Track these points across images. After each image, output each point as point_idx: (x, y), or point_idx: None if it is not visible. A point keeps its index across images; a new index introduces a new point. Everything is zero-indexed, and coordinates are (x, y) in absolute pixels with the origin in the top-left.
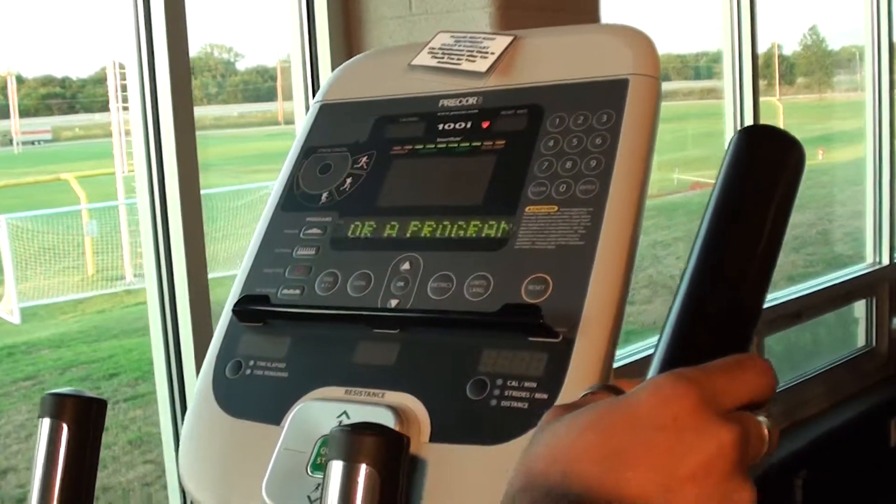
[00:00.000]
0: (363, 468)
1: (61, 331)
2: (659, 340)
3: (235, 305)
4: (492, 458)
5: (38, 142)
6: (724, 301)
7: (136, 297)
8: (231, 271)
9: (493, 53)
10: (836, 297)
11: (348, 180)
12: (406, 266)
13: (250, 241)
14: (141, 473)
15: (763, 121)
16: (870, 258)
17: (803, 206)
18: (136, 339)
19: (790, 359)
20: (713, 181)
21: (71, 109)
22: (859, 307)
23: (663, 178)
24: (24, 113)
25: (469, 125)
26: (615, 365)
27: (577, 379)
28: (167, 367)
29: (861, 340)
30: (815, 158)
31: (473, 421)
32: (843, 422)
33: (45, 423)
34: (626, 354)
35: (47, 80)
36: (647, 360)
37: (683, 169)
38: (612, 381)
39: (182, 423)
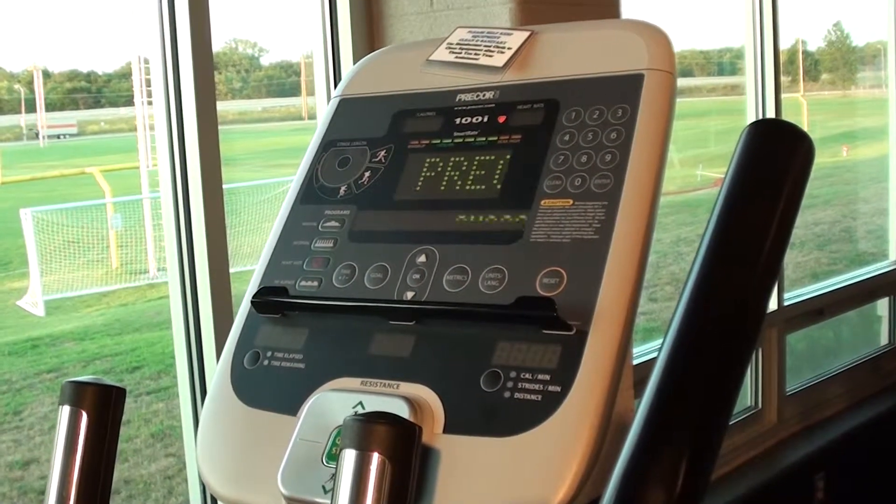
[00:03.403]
0: (375, 457)
1: (85, 324)
2: (665, 335)
3: (254, 297)
4: (504, 450)
5: (64, 135)
6: (733, 294)
7: (160, 291)
8: (255, 266)
9: (509, 48)
10: (859, 294)
11: (366, 174)
12: (422, 259)
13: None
14: (163, 466)
15: (786, 117)
16: (893, 256)
17: (827, 202)
18: (159, 332)
19: (812, 357)
20: None
21: (96, 104)
22: (882, 305)
23: (687, 174)
24: (51, 107)
25: (486, 119)
26: (635, 362)
27: (591, 371)
28: (188, 360)
29: (884, 339)
30: (838, 155)
31: (487, 413)
32: (863, 421)
33: (65, 410)
34: (647, 351)
35: (73, 75)
36: None
37: (707, 165)
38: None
39: None
